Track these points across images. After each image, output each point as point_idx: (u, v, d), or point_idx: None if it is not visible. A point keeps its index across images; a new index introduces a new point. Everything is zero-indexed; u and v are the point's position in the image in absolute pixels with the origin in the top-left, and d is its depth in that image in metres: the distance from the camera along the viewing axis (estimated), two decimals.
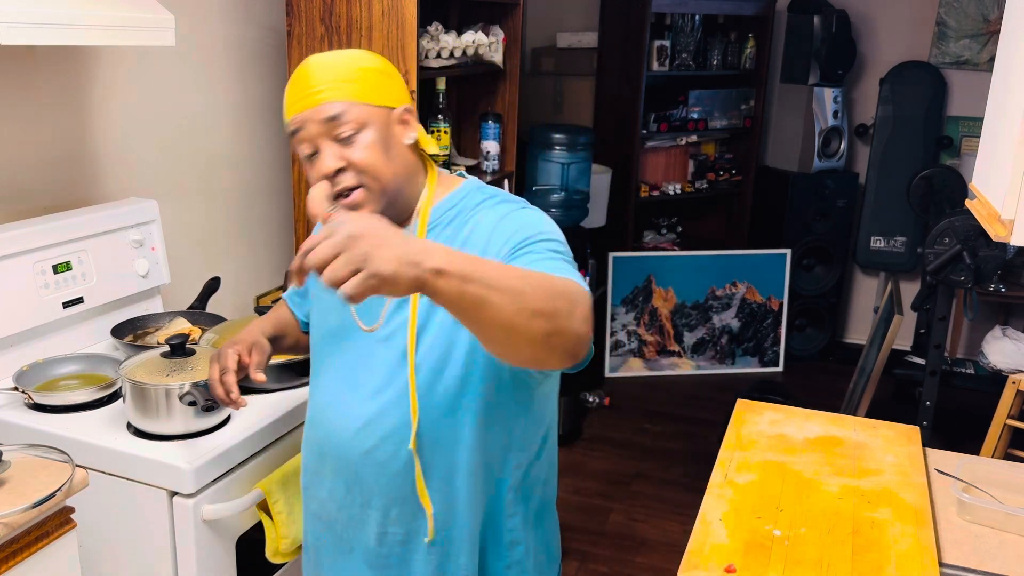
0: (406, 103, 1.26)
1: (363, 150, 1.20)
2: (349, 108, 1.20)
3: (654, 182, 4.59)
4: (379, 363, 1.28)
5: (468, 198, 1.28)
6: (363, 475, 1.31)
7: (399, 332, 1.27)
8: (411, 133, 1.25)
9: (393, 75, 1.25)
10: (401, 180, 1.24)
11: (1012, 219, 1.22)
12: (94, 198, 2.19)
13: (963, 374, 3.61)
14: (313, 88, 1.20)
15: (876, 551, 1.45)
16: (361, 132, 1.20)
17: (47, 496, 1.34)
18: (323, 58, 1.23)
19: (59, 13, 1.61)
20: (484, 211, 1.26)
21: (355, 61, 1.22)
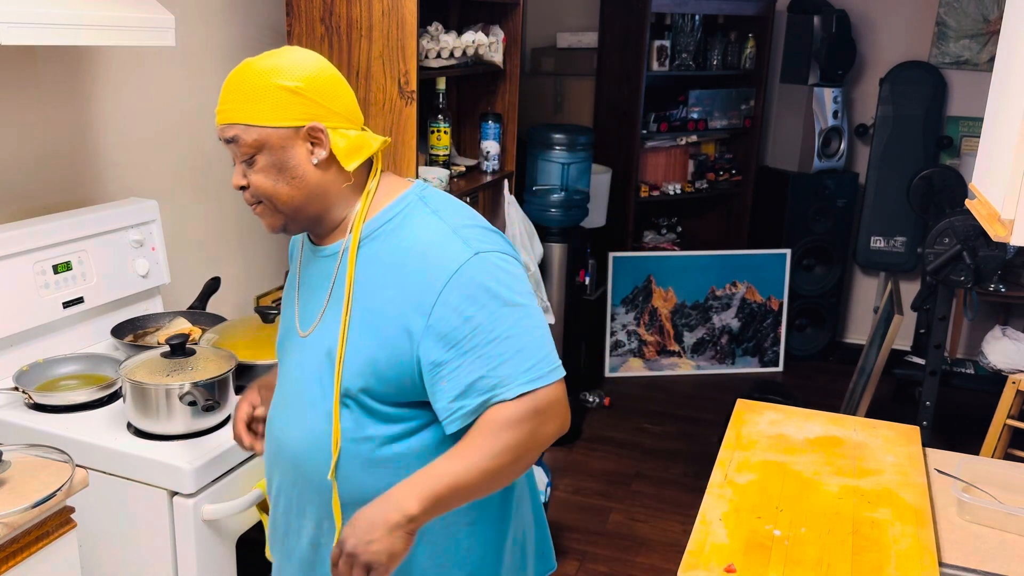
0: (317, 120, 1.19)
1: (256, 174, 1.22)
2: (244, 132, 1.19)
3: (654, 182, 4.59)
4: (311, 370, 1.27)
5: (407, 208, 1.24)
6: (300, 485, 1.31)
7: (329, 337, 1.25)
8: (320, 151, 1.20)
9: (307, 92, 1.18)
10: (302, 200, 1.22)
11: (1012, 219, 1.22)
12: (94, 198, 2.19)
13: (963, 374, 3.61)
14: (221, 103, 1.21)
15: (876, 551, 1.45)
16: (256, 155, 1.20)
17: (47, 496, 1.34)
18: (240, 70, 1.21)
19: (59, 13, 1.61)
20: (419, 222, 1.23)
21: (264, 77, 1.18)
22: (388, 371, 1.20)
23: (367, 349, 1.20)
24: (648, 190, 4.50)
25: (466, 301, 1.15)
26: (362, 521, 1.12)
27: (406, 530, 1.12)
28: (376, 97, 2.50)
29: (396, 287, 1.19)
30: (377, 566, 1.10)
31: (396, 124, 2.50)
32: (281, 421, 1.33)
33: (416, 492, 1.13)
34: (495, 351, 1.15)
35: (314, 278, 1.30)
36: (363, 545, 1.10)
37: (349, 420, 1.24)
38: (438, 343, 1.16)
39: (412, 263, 1.19)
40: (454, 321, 1.15)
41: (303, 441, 1.27)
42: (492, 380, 1.15)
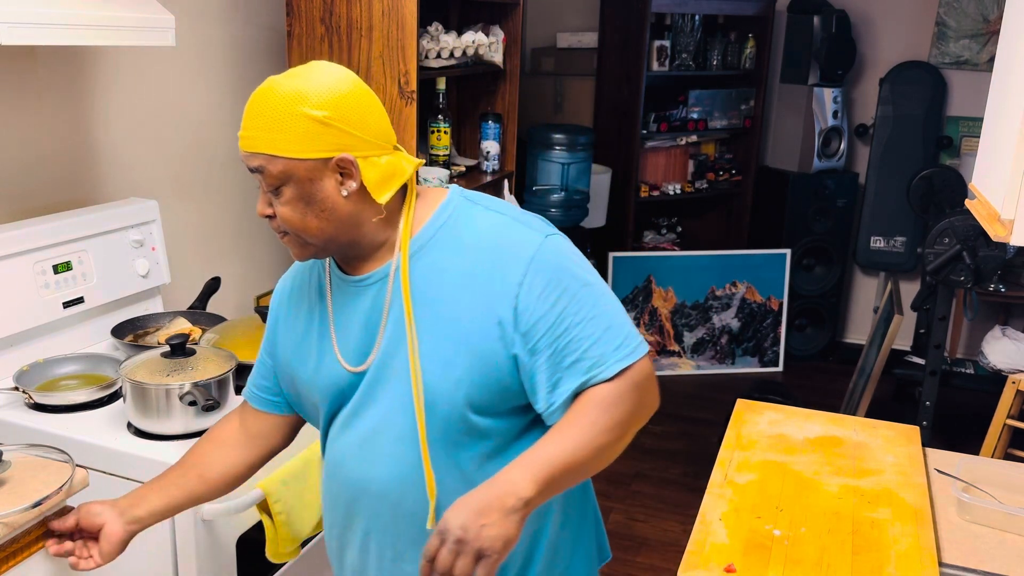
0: (347, 151, 1.12)
1: (282, 206, 1.15)
2: (269, 162, 1.12)
3: (654, 182, 4.59)
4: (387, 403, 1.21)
5: (455, 211, 1.21)
6: (397, 522, 1.23)
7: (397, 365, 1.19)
8: (350, 183, 1.14)
9: (335, 121, 1.11)
10: (332, 232, 1.16)
11: (1012, 219, 1.22)
12: (94, 198, 2.19)
13: (963, 374, 3.61)
14: (244, 128, 1.14)
15: (876, 551, 1.45)
16: (283, 186, 1.13)
17: (47, 496, 1.34)
18: (264, 93, 1.13)
19: (59, 13, 1.61)
20: (476, 219, 1.20)
21: (290, 104, 1.10)
22: (486, 378, 1.15)
23: (460, 362, 1.15)
24: (648, 190, 4.50)
25: (549, 286, 1.14)
26: (471, 506, 1.04)
27: (522, 514, 1.05)
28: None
29: (472, 290, 1.15)
30: (490, 552, 1.02)
31: (396, 124, 2.50)
32: (356, 462, 1.24)
33: (531, 474, 1.07)
34: (585, 332, 1.14)
35: (355, 309, 1.22)
36: (475, 530, 1.02)
37: (442, 443, 1.18)
38: (529, 333, 1.14)
39: (483, 260, 1.16)
40: (541, 308, 1.13)
41: (396, 477, 1.20)
42: (588, 362, 1.14)
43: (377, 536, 1.25)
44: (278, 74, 1.16)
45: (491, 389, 1.16)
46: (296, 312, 1.31)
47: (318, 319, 1.28)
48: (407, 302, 1.17)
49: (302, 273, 1.34)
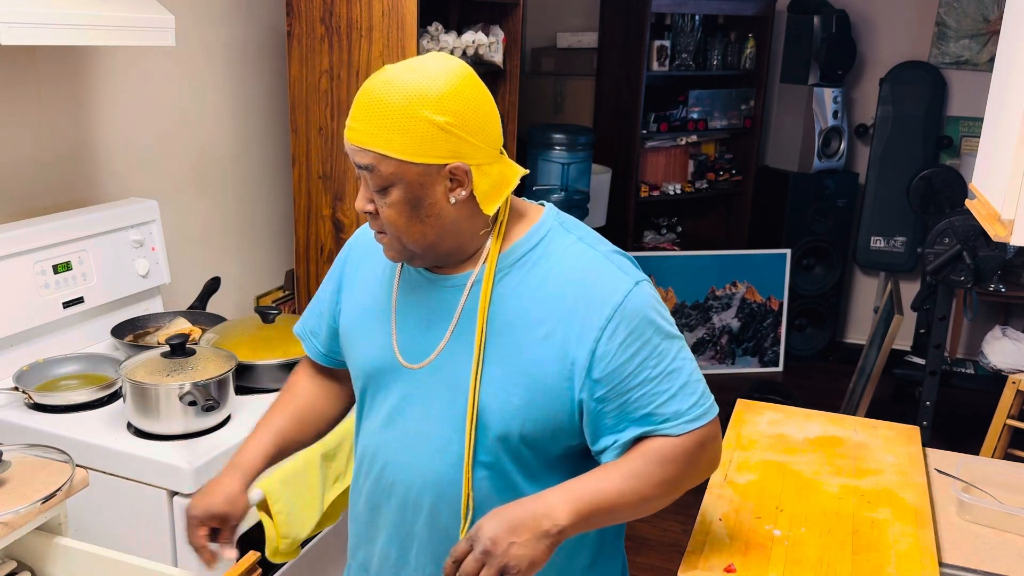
0: (462, 159, 1.08)
1: (387, 208, 1.10)
2: (380, 162, 1.07)
3: (654, 182, 4.59)
4: (437, 410, 1.17)
5: (549, 235, 1.17)
6: (418, 536, 1.21)
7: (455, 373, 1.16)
8: (460, 192, 1.09)
9: (456, 128, 1.06)
10: (434, 238, 1.12)
11: (1012, 219, 1.22)
12: (94, 198, 2.19)
13: (963, 374, 3.61)
14: (355, 121, 1.08)
15: (876, 551, 1.45)
16: (389, 188, 1.09)
17: (47, 496, 1.34)
18: (383, 88, 1.07)
19: (59, 13, 1.61)
20: (569, 249, 1.16)
21: (411, 104, 1.05)
22: (542, 413, 1.12)
23: (519, 391, 1.12)
24: (648, 190, 4.50)
25: (632, 336, 1.10)
26: (505, 520, 1.03)
27: (553, 540, 1.04)
28: None
29: (552, 321, 1.11)
30: (514, 571, 1.01)
31: None
32: (395, 460, 1.21)
33: (572, 504, 1.06)
34: (661, 387, 1.11)
35: (427, 307, 1.19)
36: (504, 546, 1.01)
37: (487, 470, 1.15)
38: (603, 380, 1.10)
39: (569, 295, 1.12)
40: (621, 358, 1.10)
41: (432, 487, 1.18)
42: (659, 417, 1.11)
43: (400, 540, 1.23)
44: (396, 63, 1.11)
45: (545, 425, 1.13)
46: (362, 281, 1.28)
47: (378, 298, 1.25)
48: (483, 318, 1.14)
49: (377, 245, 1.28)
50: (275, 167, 2.80)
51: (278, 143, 2.79)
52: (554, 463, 1.18)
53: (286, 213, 2.84)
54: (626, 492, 1.09)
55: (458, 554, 1.04)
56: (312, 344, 1.38)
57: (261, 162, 2.74)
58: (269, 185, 2.79)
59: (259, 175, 2.74)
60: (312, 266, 2.71)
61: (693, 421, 1.12)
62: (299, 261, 2.73)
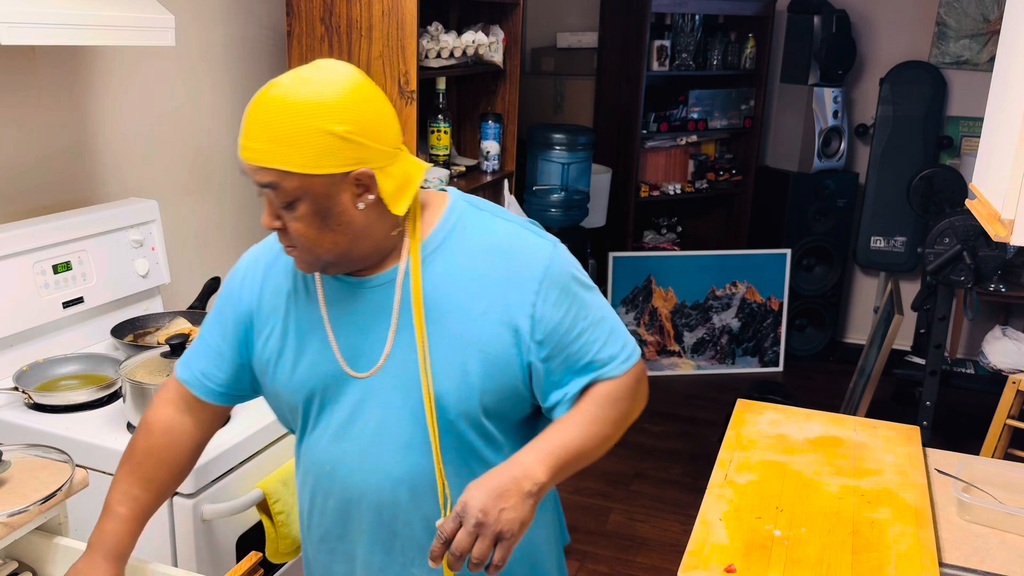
0: (365, 164, 1.08)
1: (295, 222, 1.10)
2: (282, 178, 1.06)
3: (654, 182, 4.59)
4: (396, 409, 1.18)
5: (462, 216, 1.20)
6: (402, 534, 1.22)
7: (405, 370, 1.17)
8: (367, 196, 1.10)
9: (356, 135, 1.06)
10: (347, 245, 1.13)
11: (1012, 219, 1.22)
12: (94, 198, 2.19)
13: (963, 374, 3.61)
14: (250, 140, 1.07)
15: (876, 551, 1.45)
16: (295, 203, 1.08)
17: (47, 496, 1.34)
18: (273, 104, 1.06)
19: (59, 13, 1.61)
20: (485, 224, 1.20)
21: (307, 118, 1.04)
22: (497, 383, 1.16)
23: (472, 367, 1.15)
24: (648, 190, 4.50)
25: (563, 293, 1.17)
26: (489, 490, 1.06)
27: (536, 498, 1.09)
28: None
29: (486, 296, 1.15)
30: (508, 535, 1.04)
31: None
32: (359, 468, 1.21)
33: (544, 460, 1.11)
34: (594, 335, 1.19)
35: (359, 312, 1.19)
36: (495, 514, 1.04)
37: (455, 451, 1.18)
38: (545, 340, 1.16)
39: (497, 267, 1.16)
40: (556, 315, 1.16)
41: (406, 485, 1.19)
42: (598, 363, 1.19)
43: (383, 543, 1.23)
44: (279, 76, 1.10)
45: (504, 395, 1.18)
46: (275, 307, 1.25)
47: (300, 316, 1.22)
48: (418, 308, 1.15)
49: (277, 261, 1.26)
50: None
51: None
52: (515, 430, 1.24)
53: None
54: (589, 436, 1.17)
55: (447, 533, 1.05)
56: (205, 386, 1.30)
57: None
58: None
59: None
60: None
61: (627, 360, 1.21)
62: None
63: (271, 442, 1.75)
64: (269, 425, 1.75)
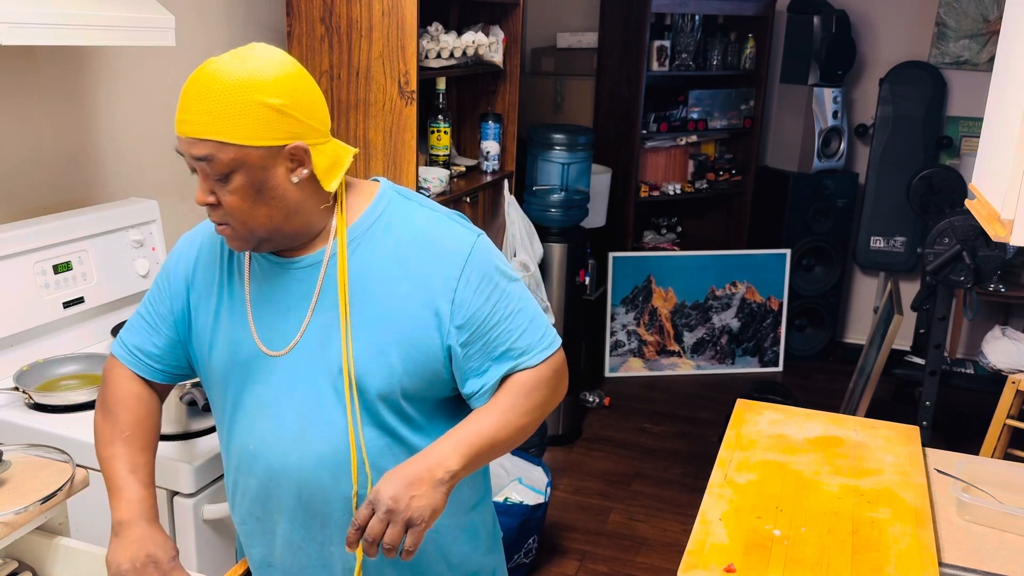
0: (300, 139, 1.12)
1: (230, 195, 1.12)
2: (218, 150, 1.09)
3: (654, 182, 4.59)
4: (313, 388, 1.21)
5: (390, 205, 1.24)
6: (317, 506, 1.24)
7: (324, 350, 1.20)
8: (302, 171, 1.14)
9: (292, 109, 1.11)
10: (280, 221, 1.16)
11: (1012, 219, 1.22)
12: (94, 198, 2.19)
13: (963, 374, 3.61)
14: (188, 114, 1.10)
15: (876, 551, 1.45)
16: (231, 175, 1.11)
17: (47, 496, 1.34)
18: (211, 78, 1.09)
19: (59, 13, 1.61)
20: (412, 214, 1.24)
21: (244, 91, 1.08)
22: (418, 366, 1.20)
23: (393, 349, 1.18)
24: (648, 190, 4.50)
25: (483, 282, 1.21)
26: (401, 478, 1.10)
27: (448, 486, 1.11)
28: (376, 97, 2.50)
29: (410, 280, 1.19)
30: (419, 521, 1.08)
31: (396, 124, 2.50)
32: (279, 448, 1.22)
33: (457, 449, 1.14)
34: (513, 324, 1.22)
35: (277, 291, 1.23)
36: (406, 501, 1.07)
37: (375, 431, 1.21)
38: (465, 325, 1.20)
39: (420, 254, 1.20)
40: (477, 302, 1.20)
41: (327, 463, 1.21)
42: (516, 351, 1.22)
43: (303, 522, 1.25)
44: (218, 56, 1.13)
45: (423, 377, 1.21)
46: (208, 285, 1.28)
47: (229, 296, 1.26)
48: (344, 289, 1.19)
49: (212, 242, 1.29)
50: None
51: None
52: (435, 413, 1.26)
53: None
54: (503, 426, 1.19)
55: (360, 520, 1.08)
56: (143, 363, 1.33)
57: None
58: None
59: None
60: None
61: (545, 350, 1.24)
62: None
63: None
64: None
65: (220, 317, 1.26)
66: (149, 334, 1.33)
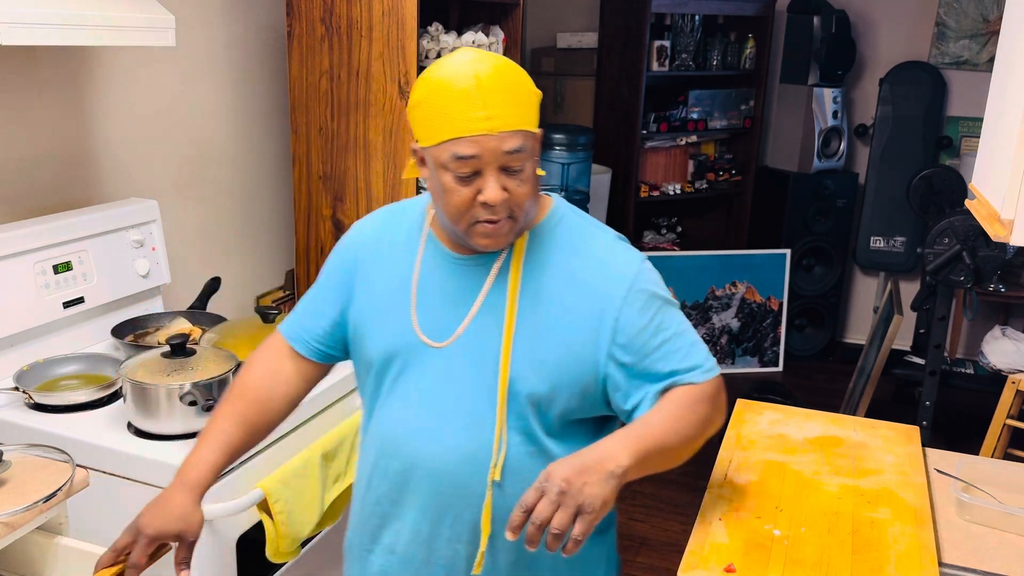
0: None
1: (522, 186, 1.16)
2: (526, 140, 1.14)
3: (654, 182, 4.59)
4: (467, 382, 1.23)
5: (563, 219, 1.28)
6: (450, 498, 1.24)
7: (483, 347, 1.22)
8: (537, 159, 1.19)
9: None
10: (530, 211, 1.21)
11: (1012, 219, 1.22)
12: (94, 198, 2.19)
13: (963, 374, 3.61)
14: (489, 111, 1.11)
15: (876, 551, 1.45)
16: (528, 163, 1.16)
17: (47, 496, 1.34)
18: (511, 72, 1.14)
19: (59, 13, 1.61)
20: (585, 230, 1.28)
21: (522, 81, 1.14)
22: (572, 377, 1.20)
23: (551, 358, 1.20)
24: (648, 190, 4.50)
25: (648, 303, 1.22)
26: (571, 464, 1.07)
27: (618, 481, 1.09)
28: (376, 97, 2.50)
29: (575, 294, 1.21)
30: (588, 509, 1.04)
31: (396, 124, 2.50)
32: (424, 437, 1.24)
33: (629, 447, 1.12)
34: (676, 345, 1.23)
35: (451, 286, 1.25)
36: (579, 485, 1.05)
37: (519, 436, 1.22)
38: (628, 344, 1.20)
39: (590, 269, 1.22)
40: (640, 322, 1.21)
41: (467, 459, 1.22)
42: (679, 371, 1.22)
43: (433, 515, 1.26)
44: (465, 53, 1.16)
45: (575, 390, 1.21)
46: (377, 270, 1.31)
47: (395, 282, 1.28)
48: (514, 292, 1.21)
49: (387, 231, 1.33)
50: (275, 167, 2.80)
51: (278, 143, 2.79)
52: (577, 429, 1.25)
53: (286, 213, 2.84)
54: (671, 432, 1.17)
55: (528, 502, 1.05)
56: (303, 340, 1.37)
57: (261, 162, 2.74)
58: (269, 185, 2.79)
59: (259, 175, 2.74)
60: (312, 266, 2.71)
61: (708, 372, 1.24)
62: (299, 261, 2.73)
63: (271, 442, 1.75)
64: None
65: (383, 301, 1.29)
66: (315, 316, 1.36)
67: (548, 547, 1.04)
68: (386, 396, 1.29)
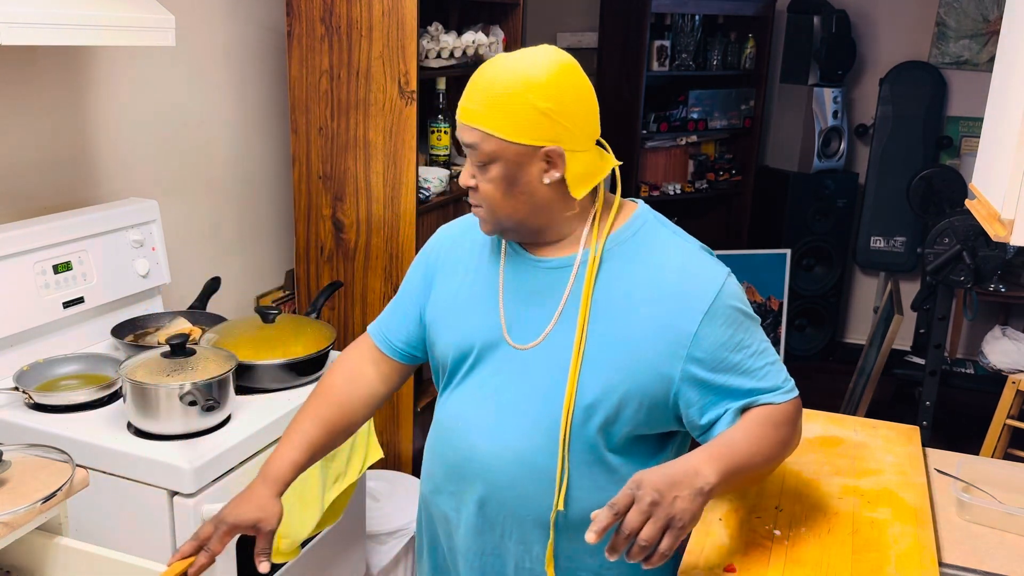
0: (559, 144, 1.17)
1: (486, 183, 1.20)
2: (483, 140, 1.17)
3: (654, 182, 4.59)
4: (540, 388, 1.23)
5: (645, 226, 1.27)
6: (506, 507, 1.26)
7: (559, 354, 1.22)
8: (554, 173, 1.18)
9: (558, 115, 1.16)
10: (524, 215, 1.22)
11: (1012, 219, 1.22)
12: (94, 198, 2.19)
13: (963, 374, 3.61)
14: (467, 102, 1.18)
15: (876, 551, 1.45)
16: (490, 164, 1.18)
17: (48, 496, 1.34)
18: (496, 72, 1.17)
19: (59, 13, 1.61)
20: (666, 240, 1.26)
21: (521, 92, 1.14)
22: (642, 388, 1.19)
23: (622, 367, 1.19)
24: (648, 190, 4.50)
25: (730, 319, 1.20)
26: (665, 475, 1.06)
27: (706, 498, 1.08)
28: (376, 97, 2.50)
29: (654, 304, 1.20)
30: (678, 523, 1.03)
31: (396, 124, 2.50)
32: (483, 432, 1.26)
33: (715, 463, 1.10)
34: (757, 363, 1.22)
35: (531, 287, 1.26)
36: (670, 497, 1.04)
37: (580, 445, 1.21)
38: (706, 359, 1.19)
39: (670, 281, 1.21)
40: (721, 337, 1.19)
41: (519, 458, 1.23)
42: (759, 389, 1.21)
43: (487, 511, 1.28)
44: (510, 52, 1.21)
45: (643, 403, 1.20)
46: (455, 269, 1.34)
47: (482, 282, 1.30)
48: (587, 300, 1.21)
49: (470, 232, 1.37)
50: (275, 167, 2.80)
51: (278, 143, 2.79)
52: (640, 445, 1.25)
53: (286, 213, 2.84)
54: (754, 451, 1.16)
55: (620, 506, 1.03)
56: (387, 341, 1.42)
57: (261, 162, 2.74)
58: (269, 185, 2.79)
59: (259, 175, 2.74)
60: (312, 266, 2.71)
61: (789, 392, 1.24)
62: (299, 261, 2.73)
63: (271, 442, 1.75)
64: (269, 425, 1.75)
65: (464, 298, 1.31)
66: (400, 317, 1.41)
67: (631, 557, 1.02)
68: (455, 387, 1.32)
